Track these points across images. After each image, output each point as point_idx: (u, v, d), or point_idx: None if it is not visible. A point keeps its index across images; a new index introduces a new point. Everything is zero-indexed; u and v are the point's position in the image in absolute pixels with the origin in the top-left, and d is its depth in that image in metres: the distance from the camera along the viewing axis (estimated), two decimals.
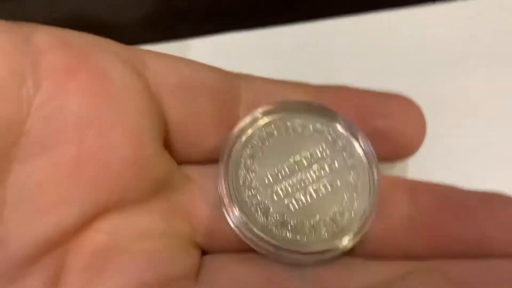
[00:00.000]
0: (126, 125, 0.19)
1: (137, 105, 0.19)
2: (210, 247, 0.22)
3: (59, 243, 0.18)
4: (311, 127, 0.22)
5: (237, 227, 0.20)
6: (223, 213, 0.21)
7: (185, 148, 0.22)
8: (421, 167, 0.27)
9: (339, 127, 0.22)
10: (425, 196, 0.22)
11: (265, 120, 0.22)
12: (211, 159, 0.22)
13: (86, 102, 0.18)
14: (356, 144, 0.22)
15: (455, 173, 0.24)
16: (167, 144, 0.21)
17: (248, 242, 0.20)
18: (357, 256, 0.22)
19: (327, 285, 0.20)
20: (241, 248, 0.21)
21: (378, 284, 0.20)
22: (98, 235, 0.19)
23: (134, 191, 0.19)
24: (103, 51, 0.19)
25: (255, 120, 0.22)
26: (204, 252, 0.22)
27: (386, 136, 0.23)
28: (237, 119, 0.22)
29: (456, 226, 0.22)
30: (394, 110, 0.23)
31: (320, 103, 0.22)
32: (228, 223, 0.21)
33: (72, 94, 0.18)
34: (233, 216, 0.20)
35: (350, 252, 0.21)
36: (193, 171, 0.22)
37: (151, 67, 0.20)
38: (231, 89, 0.22)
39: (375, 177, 0.22)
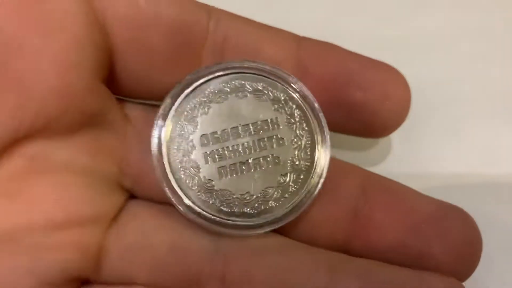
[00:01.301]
0: (57, 53, 0.17)
1: (73, 32, 0.18)
2: (139, 193, 0.21)
3: None
4: (270, 93, 0.20)
5: (161, 180, 0.19)
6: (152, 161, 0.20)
7: (132, 86, 0.20)
8: None
9: (300, 99, 0.20)
10: (378, 194, 0.20)
11: (222, 75, 0.20)
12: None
13: (14, 24, 0.17)
14: (311, 119, 0.20)
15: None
16: (112, 78, 0.20)
17: (168, 198, 0.19)
18: (288, 236, 0.20)
19: (234, 262, 0.19)
20: (167, 200, 0.20)
21: (284, 271, 0.19)
22: (18, 159, 0.18)
23: (59, 122, 0.18)
24: None
25: (211, 72, 0.20)
26: (134, 196, 0.22)
27: (364, 109, 0.21)
28: (199, 62, 0.20)
29: (401, 234, 0.20)
30: (375, 82, 0.21)
31: (283, 69, 0.20)
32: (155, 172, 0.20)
33: None
34: (159, 167, 0.19)
35: (282, 231, 0.20)
36: (135, 112, 0.21)
37: None
38: (195, 27, 0.20)
39: (323, 161, 0.20)
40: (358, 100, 0.21)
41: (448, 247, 0.19)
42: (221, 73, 0.20)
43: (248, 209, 0.19)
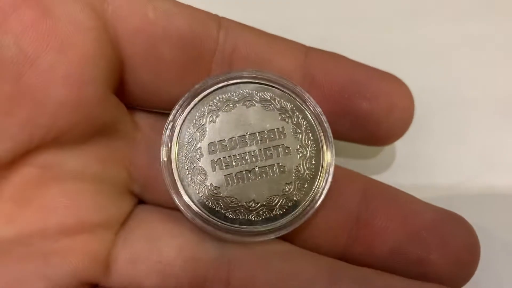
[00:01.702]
0: (69, 67, 0.18)
1: (85, 47, 0.18)
2: (147, 198, 0.22)
3: None
4: (277, 103, 0.21)
5: (169, 186, 0.20)
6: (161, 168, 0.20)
7: (143, 96, 0.21)
8: None
9: (306, 109, 0.21)
10: (379, 200, 0.21)
11: (230, 85, 0.20)
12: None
13: (27, 39, 0.17)
14: (316, 129, 0.21)
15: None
16: (122, 89, 0.21)
17: (176, 204, 0.20)
18: (291, 240, 0.21)
19: (238, 267, 0.20)
20: (174, 206, 0.20)
21: (286, 277, 0.19)
22: (30, 168, 0.19)
23: (71, 132, 0.19)
24: None
25: (219, 81, 0.20)
26: (143, 202, 0.22)
27: (370, 118, 0.21)
28: (208, 72, 0.21)
29: (401, 240, 0.20)
30: (381, 92, 0.21)
31: (292, 80, 0.21)
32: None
33: (11, 31, 0.17)
34: (168, 174, 0.20)
35: (285, 235, 0.20)
36: (144, 120, 0.22)
37: (111, 7, 0.19)
38: (205, 39, 0.20)
39: (327, 170, 0.20)
40: (364, 110, 0.21)
41: (446, 253, 0.20)
42: (229, 82, 0.20)
43: (253, 217, 0.20)
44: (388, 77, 0.22)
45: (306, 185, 0.20)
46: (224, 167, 0.20)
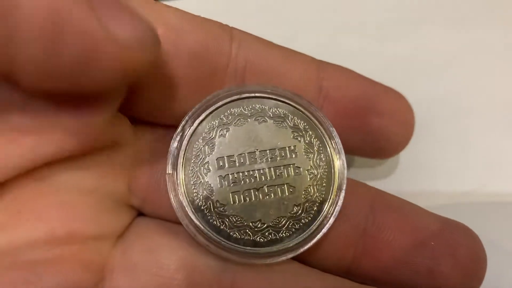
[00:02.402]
0: None
1: None
2: (147, 211, 0.21)
3: None
4: (290, 120, 0.20)
5: (173, 201, 0.19)
6: (165, 180, 0.19)
7: (152, 112, 0.20)
8: None
9: (320, 129, 0.20)
10: (386, 212, 0.20)
11: (243, 98, 0.20)
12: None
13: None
14: (329, 150, 0.20)
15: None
16: (127, 102, 0.19)
17: (179, 219, 0.19)
18: (299, 254, 0.20)
19: (241, 282, 0.19)
20: (176, 219, 0.20)
21: None
22: (25, 180, 0.18)
23: (73, 150, 0.18)
24: None
25: (232, 94, 0.20)
26: (142, 214, 0.21)
27: (379, 134, 0.22)
28: (222, 86, 0.20)
29: (410, 251, 0.20)
30: (390, 108, 0.22)
31: (306, 96, 0.20)
32: (167, 192, 0.19)
33: None
34: (173, 188, 0.19)
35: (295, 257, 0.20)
36: (147, 132, 0.21)
37: None
38: (217, 54, 0.20)
39: (338, 194, 0.20)
40: (375, 125, 0.22)
41: (455, 264, 0.19)
42: (242, 96, 0.20)
43: (258, 238, 0.19)
44: (393, 92, 0.22)
45: (315, 208, 0.19)
46: (231, 184, 0.19)
